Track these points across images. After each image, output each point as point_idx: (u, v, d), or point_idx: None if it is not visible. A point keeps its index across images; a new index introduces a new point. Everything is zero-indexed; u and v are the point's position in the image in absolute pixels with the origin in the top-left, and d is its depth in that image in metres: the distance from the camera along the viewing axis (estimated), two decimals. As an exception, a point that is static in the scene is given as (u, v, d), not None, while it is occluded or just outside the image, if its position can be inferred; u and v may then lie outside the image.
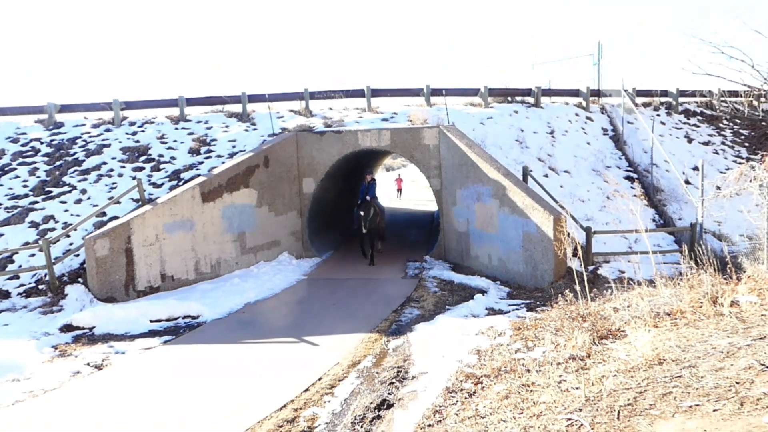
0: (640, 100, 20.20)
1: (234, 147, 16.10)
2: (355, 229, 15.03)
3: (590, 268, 11.81)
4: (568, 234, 10.62)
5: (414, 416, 5.95)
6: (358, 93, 18.87)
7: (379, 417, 6.25)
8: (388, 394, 6.81)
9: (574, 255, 11.30)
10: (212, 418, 6.26)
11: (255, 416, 6.28)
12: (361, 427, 6.10)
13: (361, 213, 14.61)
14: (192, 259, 13.07)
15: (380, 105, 18.93)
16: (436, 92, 18.47)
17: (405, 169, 49.82)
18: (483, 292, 11.35)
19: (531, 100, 19.04)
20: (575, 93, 19.69)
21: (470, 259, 13.75)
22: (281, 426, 6.09)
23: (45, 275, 12.07)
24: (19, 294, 11.88)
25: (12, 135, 17.14)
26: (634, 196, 14.50)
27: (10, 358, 8.60)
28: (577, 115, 18.77)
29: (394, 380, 7.23)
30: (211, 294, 12.00)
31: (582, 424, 4.48)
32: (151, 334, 9.96)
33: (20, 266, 12.40)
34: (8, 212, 14.01)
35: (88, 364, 8.49)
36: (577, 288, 8.13)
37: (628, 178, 16.03)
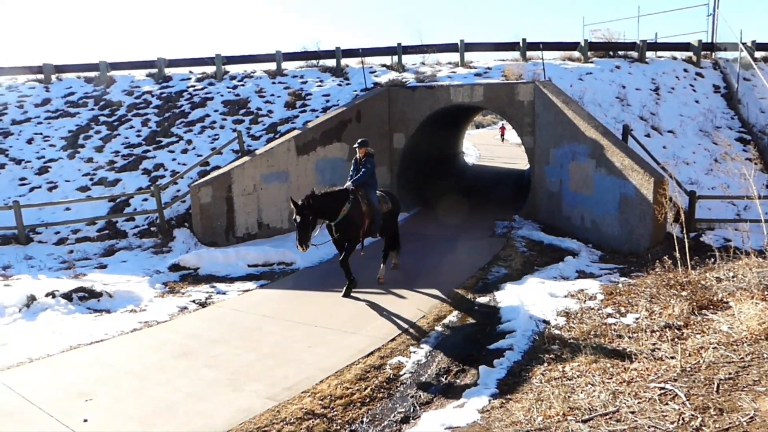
0: (759, 54, 18.27)
1: (327, 101, 16.30)
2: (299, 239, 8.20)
3: (692, 234, 11.08)
4: (670, 198, 9.98)
5: (499, 373, 5.94)
6: (451, 47, 18.41)
7: (463, 371, 6.30)
8: (473, 349, 6.84)
9: (675, 220, 10.60)
10: (304, 358, 6.56)
11: (344, 360, 6.51)
12: (446, 378, 6.18)
13: (301, 218, 8.10)
14: (286, 209, 13.51)
15: (474, 59, 18.40)
16: (533, 46, 17.66)
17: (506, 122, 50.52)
18: (574, 254, 10.99)
19: (635, 54, 17.76)
20: (685, 47, 18.13)
21: (561, 220, 13.31)
22: (368, 371, 6.28)
23: (156, 219, 12.97)
24: (134, 234, 12.88)
25: (127, 88, 18.25)
26: (747, 159, 13.34)
27: (129, 291, 9.41)
28: (685, 70, 17.34)
29: (479, 336, 7.23)
30: (303, 243, 12.40)
31: (677, 395, 4.29)
32: (249, 277, 10.51)
33: (135, 209, 13.40)
34: (125, 160, 15.08)
35: (194, 301, 9.12)
36: (677, 255, 7.68)
37: (740, 139, 14.74)
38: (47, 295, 8.79)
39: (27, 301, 8.53)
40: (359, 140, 9.63)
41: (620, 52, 18.04)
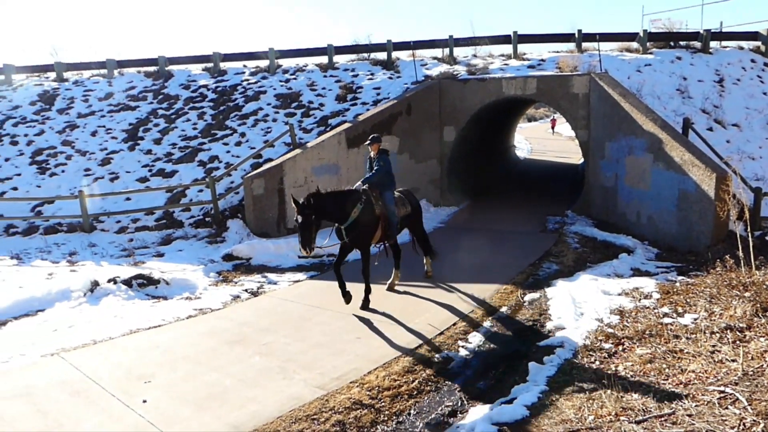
0: (836, 43, 17.20)
1: (378, 94, 16.35)
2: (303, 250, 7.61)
3: (757, 233, 10.59)
4: (733, 194, 9.56)
5: (549, 370, 5.86)
6: (504, 39, 18.11)
7: (512, 366, 6.24)
8: (522, 345, 6.76)
9: (739, 218, 10.16)
10: (352, 348, 6.64)
11: (392, 352, 6.55)
12: (494, 373, 6.14)
13: (302, 218, 7.42)
14: (336, 202, 13.65)
15: (527, 51, 18.05)
16: (589, 37, 17.17)
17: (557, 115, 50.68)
18: (629, 251, 10.68)
19: (698, 44, 17.00)
20: (752, 36, 17.24)
21: (616, 216, 12.94)
22: (416, 364, 6.30)
23: (211, 209, 13.35)
24: (190, 224, 13.30)
25: (184, 82, 18.81)
26: (819, 154, 12.62)
27: (184, 279, 9.74)
28: (753, 61, 16.50)
29: (528, 332, 7.14)
30: (353, 235, 12.51)
31: (737, 399, 4.13)
32: (299, 268, 10.69)
33: (191, 200, 13.82)
34: (181, 152, 15.57)
35: (246, 290, 9.35)
36: (740, 254, 7.36)
37: (812, 134, 13.94)
38: (109, 281, 9.20)
39: (91, 287, 8.96)
40: (371, 136, 8.73)
41: (682, 43, 17.33)
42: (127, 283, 9.22)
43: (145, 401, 5.49)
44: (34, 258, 11.64)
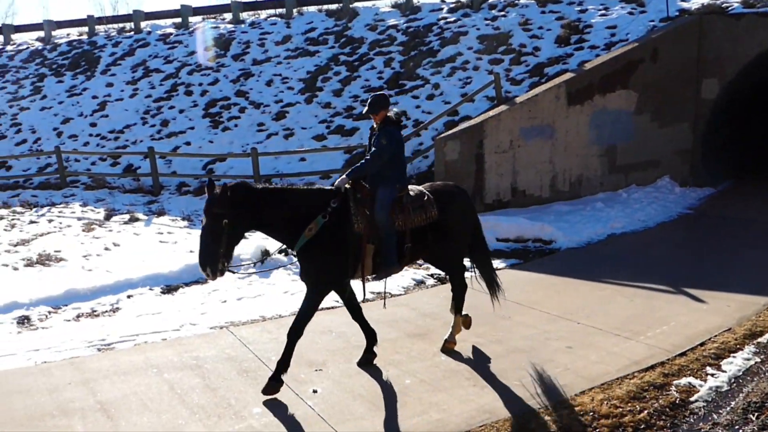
0: None
1: (613, 36, 15.68)
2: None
3: None
4: None
5: (844, 423, 5.26)
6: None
7: (786, 411, 5.71)
8: (804, 384, 6.14)
9: None
10: (560, 360, 6.57)
11: (613, 371, 6.36)
12: (758, 418, 5.67)
13: (207, 220, 5.77)
14: (548, 173, 13.44)
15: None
16: None
17: None
18: None
19: None
20: None
21: None
22: (646, 390, 6.04)
23: (394, 176, 13.99)
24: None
25: (370, 22, 19.75)
26: None
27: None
28: None
29: (814, 367, 6.47)
30: (567, 217, 12.29)
31: None
32: (497, 254, 10.72)
33: (371, 164, 14.59)
34: (363, 105, 16.36)
35: (432, 275, 9.74)
36: None
37: None
38: (280, 252, 9.98)
39: (261, 257, 9.90)
40: (371, 97, 6.57)
41: None
42: (300, 256, 10.05)
43: (315, 391, 6.02)
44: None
